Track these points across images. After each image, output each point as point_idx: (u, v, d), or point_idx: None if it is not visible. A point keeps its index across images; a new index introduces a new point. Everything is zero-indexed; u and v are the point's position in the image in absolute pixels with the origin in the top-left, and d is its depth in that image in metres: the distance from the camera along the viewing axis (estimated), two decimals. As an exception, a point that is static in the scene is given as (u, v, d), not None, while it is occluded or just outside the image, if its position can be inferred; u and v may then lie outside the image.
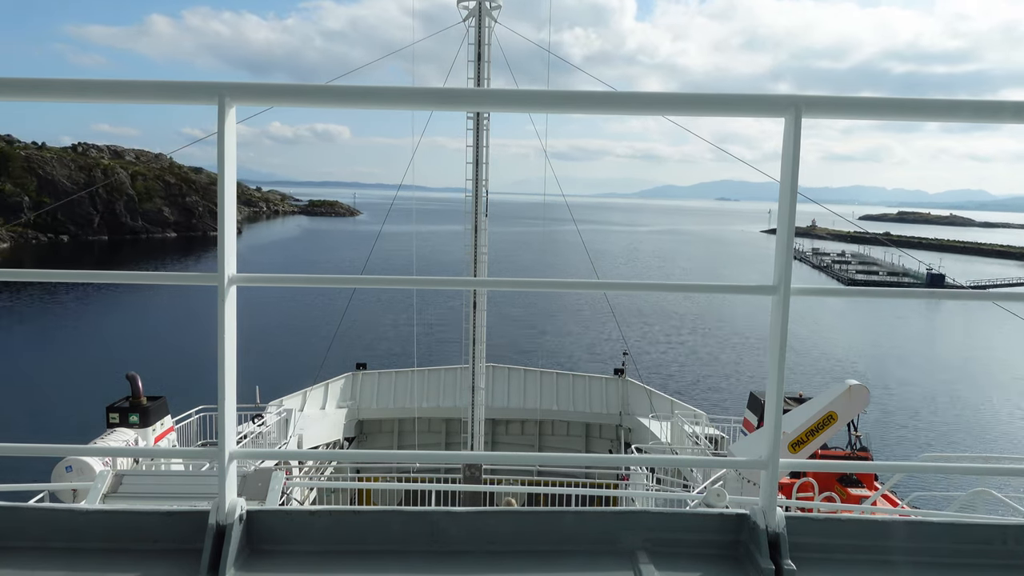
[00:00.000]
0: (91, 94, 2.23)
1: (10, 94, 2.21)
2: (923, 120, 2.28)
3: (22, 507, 2.46)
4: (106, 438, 15.00)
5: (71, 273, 2.49)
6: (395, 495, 20.18)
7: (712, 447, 19.11)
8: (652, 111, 2.30)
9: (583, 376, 26.95)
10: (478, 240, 21.51)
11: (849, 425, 19.76)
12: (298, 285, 2.50)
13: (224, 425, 2.37)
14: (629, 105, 2.28)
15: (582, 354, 51.16)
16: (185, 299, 63.97)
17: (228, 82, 2.23)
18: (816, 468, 3.15)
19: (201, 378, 41.24)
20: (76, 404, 34.19)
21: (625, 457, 17.24)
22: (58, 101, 2.29)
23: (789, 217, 2.28)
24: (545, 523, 2.50)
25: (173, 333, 53.77)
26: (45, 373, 42.15)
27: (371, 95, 2.25)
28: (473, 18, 20.51)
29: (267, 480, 8.45)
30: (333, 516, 2.46)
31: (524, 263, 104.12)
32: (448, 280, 2.69)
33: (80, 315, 59.18)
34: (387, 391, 25.98)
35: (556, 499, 15.92)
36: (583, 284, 2.82)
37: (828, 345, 57.98)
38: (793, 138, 2.22)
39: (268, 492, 8.23)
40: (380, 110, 2.23)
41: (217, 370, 2.31)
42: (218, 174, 2.23)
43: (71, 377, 41.02)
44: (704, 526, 2.51)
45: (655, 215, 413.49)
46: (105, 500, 8.03)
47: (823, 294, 2.55)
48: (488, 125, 21.17)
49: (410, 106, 2.31)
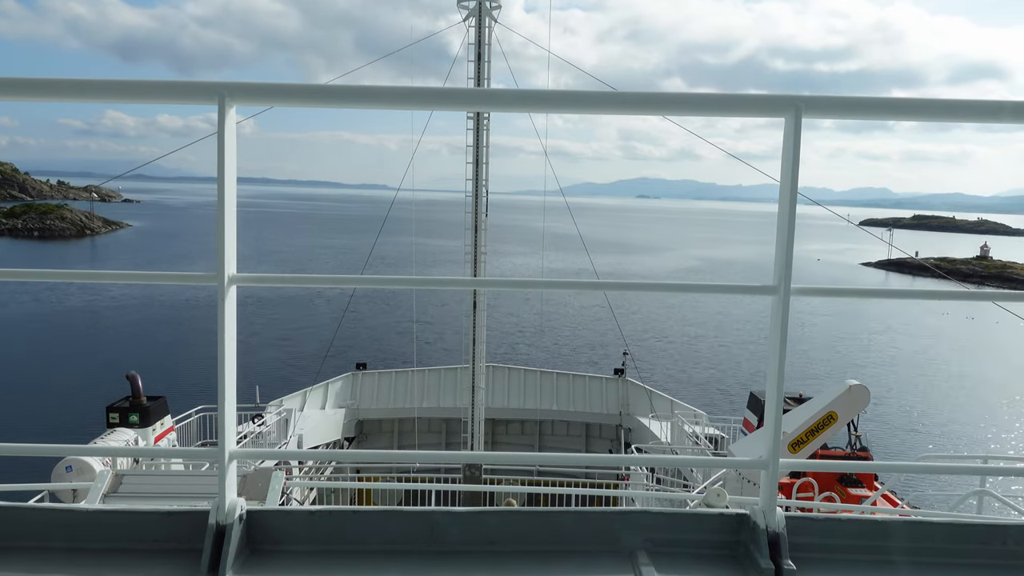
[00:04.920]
0: (91, 94, 2.23)
1: (10, 94, 2.21)
2: (923, 120, 2.28)
3: (22, 507, 2.46)
4: (106, 438, 15.00)
5: (71, 273, 2.49)
6: (395, 495, 20.19)
7: (712, 447, 19.11)
8: (652, 111, 2.30)
9: (583, 376, 26.95)
10: (478, 240, 21.53)
11: (849, 425, 19.73)
12: (298, 285, 2.51)
13: (224, 425, 2.37)
14: (629, 105, 2.28)
15: (582, 354, 51.16)
16: (185, 299, 64.07)
17: (228, 82, 2.23)
18: (816, 468, 3.15)
19: (201, 378, 41.32)
20: (76, 404, 34.22)
21: (625, 457, 17.24)
22: (58, 101, 2.29)
23: (789, 217, 2.28)
24: (545, 523, 2.50)
25: (173, 333, 53.81)
26: (45, 373, 42.15)
27: (371, 95, 2.25)
28: (473, 18, 20.54)
29: (267, 480, 8.45)
30: (333, 516, 2.45)
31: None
32: (448, 280, 2.69)
33: (81, 314, 59.19)
34: (387, 391, 25.99)
35: (556, 499, 15.94)
36: (583, 284, 2.83)
37: (828, 345, 57.99)
38: (793, 138, 2.22)
39: (268, 492, 8.23)
40: (380, 110, 2.23)
41: (217, 370, 2.32)
42: (218, 174, 2.22)
43: (71, 377, 41.03)
44: (704, 526, 2.51)
45: (603, 215, 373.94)
46: (105, 500, 8.03)
47: (823, 294, 2.55)
48: (488, 125, 21.19)
49: (410, 106, 2.31)
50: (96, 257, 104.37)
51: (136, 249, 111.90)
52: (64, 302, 63.03)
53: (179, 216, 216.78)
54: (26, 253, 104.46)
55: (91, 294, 65.94)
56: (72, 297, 64.74)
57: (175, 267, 69.33)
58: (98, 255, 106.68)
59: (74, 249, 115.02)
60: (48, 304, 62.06)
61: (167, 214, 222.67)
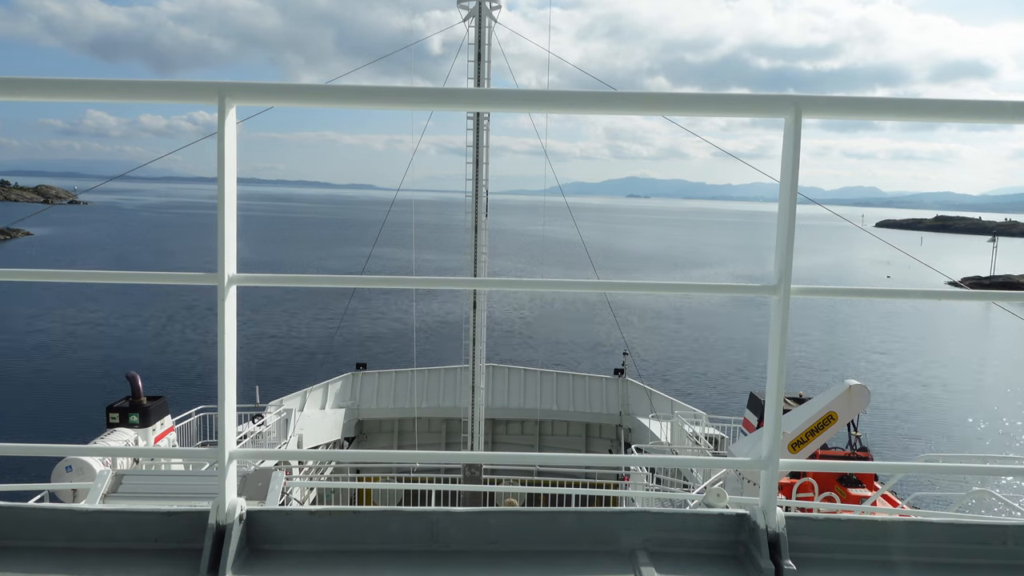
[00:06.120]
0: (91, 94, 2.23)
1: (10, 94, 2.21)
2: (922, 120, 2.28)
3: (22, 507, 2.47)
4: (106, 438, 15.01)
5: (71, 273, 2.49)
6: (395, 495, 20.18)
7: (712, 447, 19.10)
8: (652, 111, 2.31)
9: (583, 376, 26.94)
10: (478, 240, 21.52)
11: (849, 425, 19.74)
12: (298, 285, 2.51)
13: (224, 425, 2.37)
14: (629, 105, 2.28)
15: (582, 354, 51.15)
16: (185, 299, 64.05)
17: (228, 82, 2.23)
18: (816, 468, 3.16)
19: (201, 378, 41.24)
20: (76, 404, 34.22)
21: (625, 457, 17.23)
22: (58, 100, 2.29)
23: (789, 217, 2.28)
24: (545, 523, 2.50)
25: (173, 333, 53.82)
26: (45, 373, 42.16)
27: (371, 95, 2.25)
28: (473, 18, 20.54)
29: (267, 480, 8.44)
30: (333, 516, 2.46)
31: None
32: (448, 280, 2.69)
33: (81, 315, 59.20)
34: (387, 391, 25.98)
35: (556, 499, 15.93)
36: (583, 284, 2.82)
37: (828, 345, 57.98)
38: (793, 138, 2.23)
39: (268, 492, 8.22)
40: (381, 110, 2.24)
41: (217, 370, 2.32)
42: (218, 174, 2.23)
43: (71, 377, 41.04)
44: (704, 526, 2.51)
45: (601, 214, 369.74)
46: (105, 500, 8.03)
47: (823, 294, 2.55)
48: (488, 125, 21.18)
49: (410, 106, 2.31)
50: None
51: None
52: (64, 302, 63.03)
53: (117, 222, 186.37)
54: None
55: (91, 294, 65.95)
56: (72, 297, 64.75)
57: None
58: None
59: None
60: (48, 304, 62.05)
61: (104, 219, 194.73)
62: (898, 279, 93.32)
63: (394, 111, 2.73)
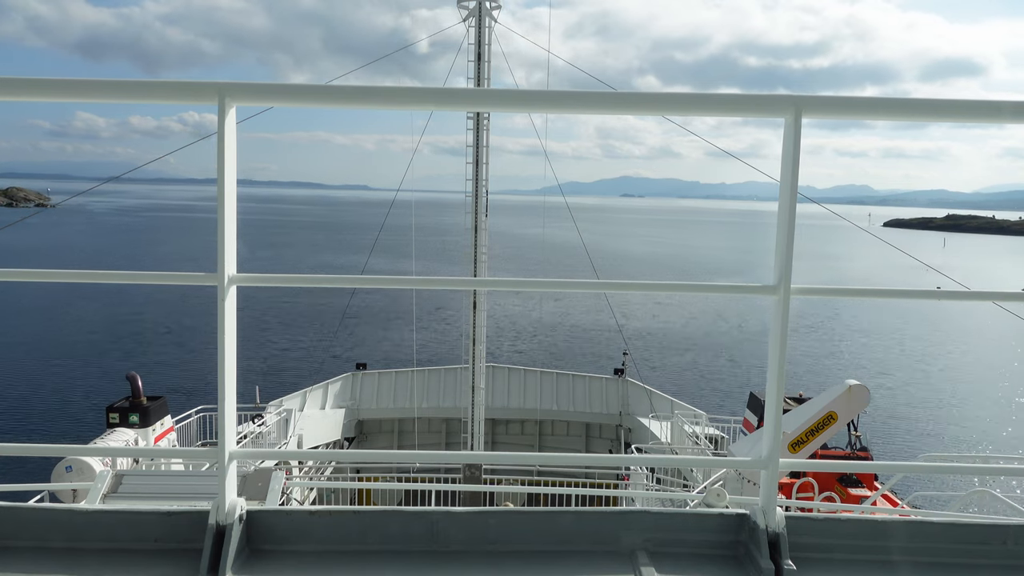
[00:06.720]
0: (91, 94, 2.23)
1: (11, 94, 2.21)
2: (922, 120, 2.28)
3: (22, 507, 2.47)
4: (106, 438, 15.01)
5: (71, 273, 2.49)
6: (395, 495, 20.18)
7: (712, 447, 19.10)
8: (652, 111, 2.31)
9: (583, 376, 26.94)
10: (478, 240, 21.51)
11: (849, 425, 19.74)
12: (298, 285, 2.51)
13: (224, 425, 2.37)
14: (630, 105, 2.28)
15: (582, 354, 51.14)
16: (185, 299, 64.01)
17: (228, 82, 2.23)
18: (816, 468, 3.16)
19: (201, 378, 41.16)
20: (76, 404, 34.24)
21: (625, 457, 17.24)
22: (58, 100, 2.29)
23: (789, 217, 2.28)
24: (545, 523, 2.50)
25: (173, 333, 53.80)
26: (45, 373, 42.15)
27: (371, 95, 2.25)
28: (473, 18, 20.54)
29: (267, 480, 8.44)
30: (333, 516, 2.46)
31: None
32: (448, 280, 2.69)
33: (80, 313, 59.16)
34: (387, 391, 25.98)
35: (556, 499, 15.93)
36: (583, 284, 2.82)
37: (828, 345, 57.98)
38: (793, 138, 2.23)
39: (268, 492, 8.22)
40: (381, 110, 2.24)
41: (217, 370, 2.32)
42: (217, 174, 2.23)
43: (71, 377, 41.03)
44: (704, 526, 2.51)
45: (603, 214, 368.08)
46: (105, 500, 8.03)
47: (824, 294, 2.55)
48: (488, 125, 21.18)
49: (411, 106, 2.31)
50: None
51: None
52: (64, 302, 63.02)
53: (78, 226, 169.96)
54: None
55: (90, 294, 65.94)
56: (72, 297, 64.73)
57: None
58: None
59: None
60: (48, 304, 62.04)
61: (67, 222, 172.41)
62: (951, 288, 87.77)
63: (393, 111, 2.73)
